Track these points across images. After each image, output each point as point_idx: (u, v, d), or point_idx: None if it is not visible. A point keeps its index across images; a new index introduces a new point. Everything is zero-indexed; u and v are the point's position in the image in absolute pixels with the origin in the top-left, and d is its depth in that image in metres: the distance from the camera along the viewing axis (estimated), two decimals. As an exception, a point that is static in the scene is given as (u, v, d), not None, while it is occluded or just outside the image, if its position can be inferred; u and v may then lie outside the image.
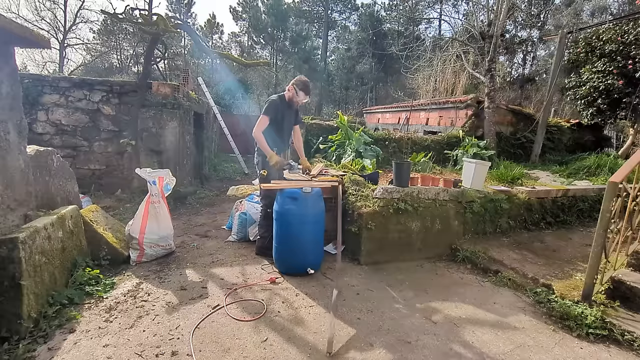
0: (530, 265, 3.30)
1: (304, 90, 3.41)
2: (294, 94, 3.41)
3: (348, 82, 28.11)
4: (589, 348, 2.25)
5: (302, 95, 3.42)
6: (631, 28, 7.26)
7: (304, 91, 3.42)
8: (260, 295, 2.74)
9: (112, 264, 3.06)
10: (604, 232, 2.44)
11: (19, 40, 2.27)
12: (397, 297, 2.82)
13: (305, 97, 3.47)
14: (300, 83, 3.40)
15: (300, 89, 3.38)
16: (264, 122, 3.31)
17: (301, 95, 3.42)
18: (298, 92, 3.39)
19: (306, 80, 3.46)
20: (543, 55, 21.82)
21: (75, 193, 3.36)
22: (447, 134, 7.34)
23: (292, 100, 3.45)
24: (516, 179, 4.86)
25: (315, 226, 3.12)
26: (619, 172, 2.54)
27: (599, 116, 8.07)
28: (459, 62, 10.15)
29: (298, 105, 3.57)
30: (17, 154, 2.32)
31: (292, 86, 3.41)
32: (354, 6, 29.62)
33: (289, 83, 3.49)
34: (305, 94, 3.44)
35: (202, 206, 5.52)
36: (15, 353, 1.87)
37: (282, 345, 2.13)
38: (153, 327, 2.24)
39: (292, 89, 3.41)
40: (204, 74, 18.46)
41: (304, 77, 3.49)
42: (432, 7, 25.76)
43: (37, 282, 2.16)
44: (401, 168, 3.60)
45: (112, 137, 5.52)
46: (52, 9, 18.93)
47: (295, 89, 3.39)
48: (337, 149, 5.90)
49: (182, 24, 7.20)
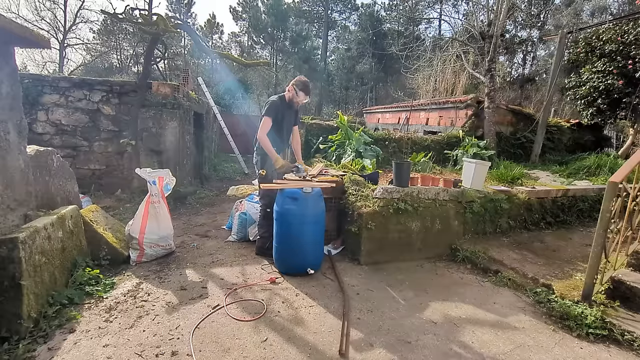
0: (530, 265, 3.30)
1: (303, 91, 3.41)
2: (293, 95, 3.41)
3: (348, 82, 28.11)
4: (589, 348, 2.25)
5: (302, 96, 3.42)
6: (631, 28, 7.26)
7: (304, 91, 3.41)
8: (260, 295, 2.74)
9: (112, 264, 3.06)
10: (604, 232, 2.44)
11: (19, 40, 2.27)
12: (397, 297, 2.82)
13: (305, 97, 3.46)
14: (300, 83, 3.39)
15: (300, 90, 3.38)
16: (267, 123, 3.29)
17: (301, 95, 3.41)
18: (298, 92, 3.39)
19: (306, 81, 3.46)
20: (543, 55, 21.85)
21: (75, 193, 3.36)
22: (447, 134, 7.34)
23: (292, 101, 3.45)
24: (516, 179, 4.86)
25: (316, 226, 3.12)
26: (619, 172, 2.54)
27: (599, 116, 8.07)
28: (459, 62, 10.15)
29: (298, 105, 3.57)
30: (17, 154, 2.32)
31: (292, 86, 3.40)
32: (354, 6, 29.64)
33: (288, 83, 3.49)
34: (305, 95, 3.44)
35: (202, 206, 5.52)
36: (15, 353, 1.87)
37: (282, 345, 2.13)
38: (153, 327, 2.24)
39: (292, 89, 3.40)
40: (204, 74, 18.47)
41: (303, 78, 3.49)
42: (432, 7, 25.78)
43: (37, 282, 2.16)
44: (401, 168, 3.60)
45: (112, 137, 5.51)
46: (52, 9, 18.95)
47: (295, 90, 3.39)
48: (337, 149, 5.90)
49: (182, 24, 7.21)
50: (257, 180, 3.78)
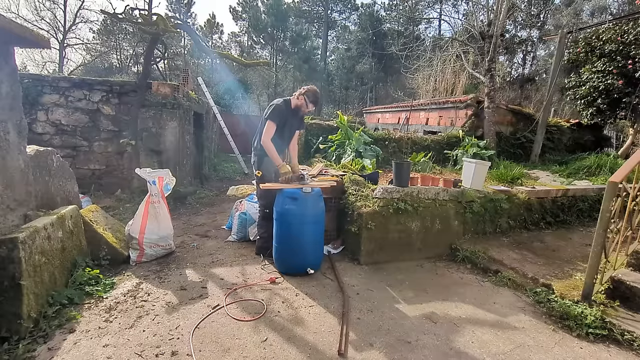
0: (530, 265, 3.30)
1: (314, 103, 3.41)
2: (303, 104, 3.38)
3: (348, 82, 28.13)
4: (588, 348, 2.25)
5: (311, 107, 3.43)
6: (631, 28, 7.26)
7: (314, 103, 3.42)
8: (260, 295, 2.74)
9: (112, 264, 3.06)
10: (603, 232, 2.44)
11: (18, 40, 2.27)
12: (397, 297, 2.82)
13: (314, 107, 3.48)
14: (312, 95, 3.36)
15: (310, 101, 3.36)
16: (271, 128, 3.25)
17: (310, 106, 3.42)
18: (308, 104, 3.37)
19: (317, 92, 3.43)
20: (543, 55, 21.87)
21: (75, 193, 3.36)
22: (447, 134, 7.34)
23: (299, 108, 3.42)
24: (516, 179, 4.86)
25: (315, 226, 3.12)
26: (619, 172, 2.54)
27: (599, 116, 8.07)
28: (459, 62, 10.15)
29: (305, 113, 3.56)
30: (17, 154, 2.32)
31: (302, 97, 3.35)
32: (354, 6, 29.65)
33: (297, 91, 3.44)
34: (314, 105, 3.45)
35: (202, 206, 5.52)
36: (15, 353, 1.87)
37: (282, 345, 2.13)
38: (153, 327, 2.24)
39: (302, 99, 3.36)
40: (204, 74, 18.44)
41: (314, 88, 3.44)
42: (432, 7, 25.82)
43: (37, 282, 2.16)
44: (401, 168, 3.60)
45: (112, 137, 5.51)
46: (51, 9, 18.93)
47: (305, 101, 3.35)
48: (337, 149, 5.90)
49: (182, 24, 7.21)
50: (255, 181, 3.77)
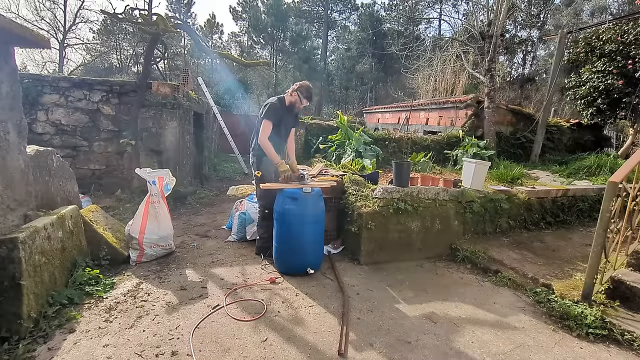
0: (530, 265, 3.30)
1: (307, 98, 3.41)
2: (297, 100, 3.38)
3: (348, 82, 28.12)
4: (588, 348, 2.25)
5: (305, 102, 3.43)
6: (631, 28, 7.26)
7: (308, 99, 3.42)
8: (260, 295, 2.74)
9: (112, 264, 3.06)
10: (603, 232, 2.44)
11: (18, 40, 2.27)
12: (397, 297, 2.82)
13: (307, 102, 3.48)
14: (304, 90, 3.37)
15: (304, 97, 3.37)
16: (268, 127, 3.25)
17: (304, 102, 3.42)
18: (302, 99, 3.38)
19: (309, 87, 3.44)
20: (543, 55, 21.87)
21: (75, 193, 3.36)
22: (447, 134, 7.34)
23: (294, 105, 3.43)
24: (516, 179, 4.86)
25: (315, 226, 3.12)
26: (619, 172, 2.54)
27: (599, 116, 8.07)
28: (459, 62, 10.15)
29: (299, 109, 3.56)
30: (17, 154, 2.32)
31: (295, 93, 3.36)
32: (354, 6, 29.64)
33: (290, 87, 3.46)
34: (308, 101, 3.45)
35: (202, 206, 5.52)
36: (15, 353, 1.87)
37: (282, 345, 2.13)
38: (153, 327, 2.24)
39: (295, 95, 3.36)
40: (204, 74, 18.45)
41: (306, 83, 3.45)
42: (432, 7, 25.82)
43: (37, 282, 2.16)
44: (401, 168, 3.60)
45: (112, 137, 5.51)
46: (51, 9, 18.93)
47: (299, 97, 3.36)
48: (337, 148, 5.90)
49: (182, 24, 7.21)
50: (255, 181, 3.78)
